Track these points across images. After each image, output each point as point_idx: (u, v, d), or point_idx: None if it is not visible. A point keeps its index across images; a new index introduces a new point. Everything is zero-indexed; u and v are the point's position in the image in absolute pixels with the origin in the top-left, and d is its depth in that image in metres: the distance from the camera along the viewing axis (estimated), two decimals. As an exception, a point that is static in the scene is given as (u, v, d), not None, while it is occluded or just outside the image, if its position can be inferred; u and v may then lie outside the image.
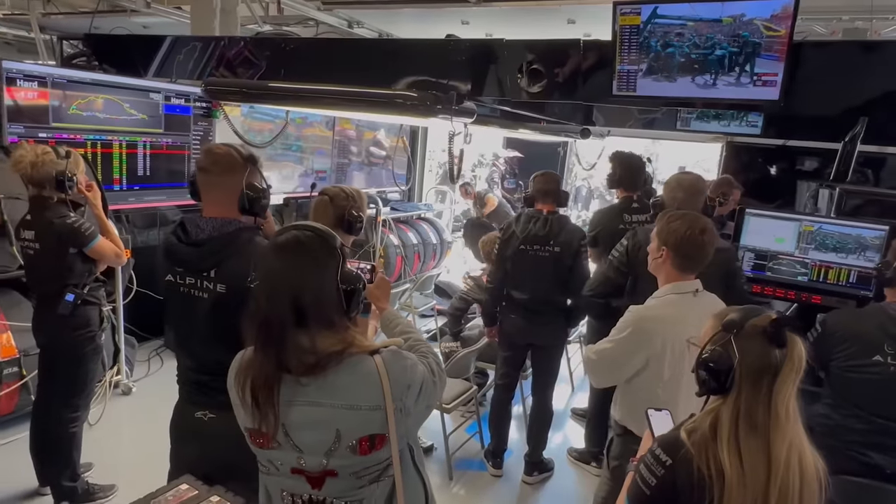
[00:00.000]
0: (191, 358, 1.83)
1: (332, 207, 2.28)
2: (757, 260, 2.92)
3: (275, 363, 1.25)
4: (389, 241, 6.19)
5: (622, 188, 3.53)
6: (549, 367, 3.39)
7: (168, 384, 2.00)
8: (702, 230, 1.93)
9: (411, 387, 1.33)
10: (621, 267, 2.71)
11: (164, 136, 4.45)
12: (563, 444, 3.90)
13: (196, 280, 1.73)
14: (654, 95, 2.72)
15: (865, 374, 2.09)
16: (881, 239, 2.66)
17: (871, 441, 2.10)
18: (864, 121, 3.40)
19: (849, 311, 2.29)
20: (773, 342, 1.23)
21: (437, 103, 2.98)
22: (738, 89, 2.52)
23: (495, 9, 5.25)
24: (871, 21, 4.59)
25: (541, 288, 3.19)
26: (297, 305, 1.24)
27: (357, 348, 1.29)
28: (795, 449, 1.23)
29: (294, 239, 1.29)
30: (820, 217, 2.92)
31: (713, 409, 1.29)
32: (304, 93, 3.31)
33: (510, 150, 8.62)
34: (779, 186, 5.25)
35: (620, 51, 2.70)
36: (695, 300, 1.97)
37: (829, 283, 2.80)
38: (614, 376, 2.07)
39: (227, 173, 1.75)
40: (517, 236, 3.19)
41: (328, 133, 6.16)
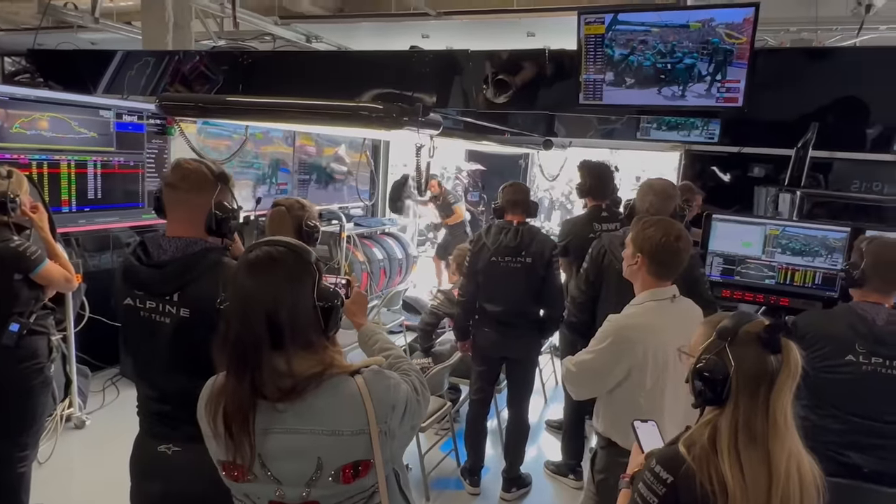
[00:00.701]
0: (152, 387, 1.70)
1: (290, 218, 2.27)
2: (725, 265, 2.95)
3: (249, 389, 1.16)
4: (354, 258, 6.09)
5: (591, 197, 3.54)
6: (525, 380, 3.35)
7: (126, 415, 1.87)
8: (676, 237, 1.92)
9: (396, 407, 1.26)
10: (592, 277, 2.71)
11: (115, 154, 4.27)
12: (539, 458, 3.86)
13: (157, 304, 1.61)
14: (620, 104, 2.74)
15: (839, 375, 2.10)
16: (843, 240, 2.72)
17: (848, 441, 2.11)
18: (815, 126, 3.52)
19: (819, 313, 2.32)
20: (767, 348, 1.21)
21: (403, 115, 2.93)
22: (703, 97, 2.55)
23: (455, 22, 5.26)
24: (816, 32, 4.78)
25: (513, 300, 3.15)
26: (272, 326, 1.16)
27: (337, 369, 1.22)
28: (794, 457, 1.21)
29: (266, 255, 1.21)
30: (784, 221, 2.97)
31: (710, 420, 1.25)
32: (265, 106, 3.21)
33: (473, 163, 8.65)
34: (736, 192, 5.38)
35: (586, 60, 2.71)
36: (673, 306, 1.95)
37: (795, 286, 2.84)
38: (595, 388, 2.04)
39: (196, 190, 1.65)
40: (488, 248, 3.15)
41: (289, 149, 6.04)
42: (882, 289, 2.13)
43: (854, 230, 2.70)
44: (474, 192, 8.87)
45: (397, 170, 8.39)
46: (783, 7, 4.73)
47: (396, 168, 8.32)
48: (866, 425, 2.11)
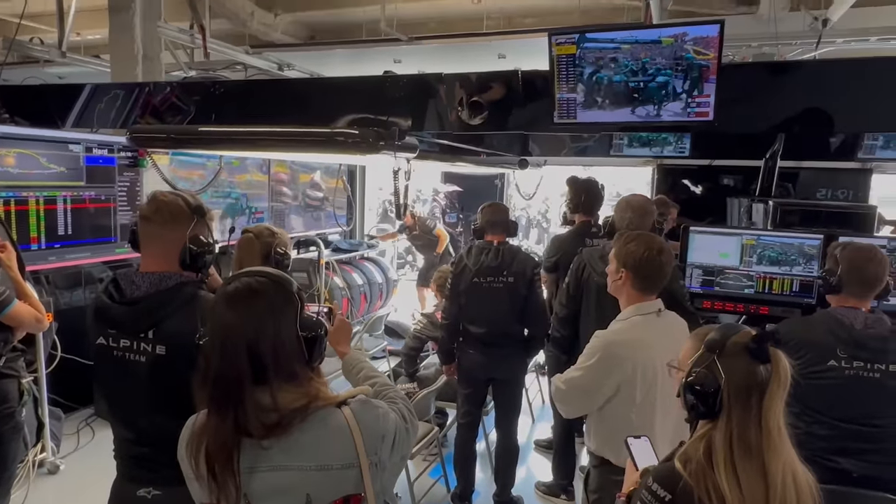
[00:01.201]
0: (128, 429, 1.64)
1: (258, 244, 2.28)
2: (705, 276, 2.98)
3: (232, 426, 1.12)
4: (334, 284, 6.02)
5: (582, 213, 3.56)
6: (512, 400, 3.32)
7: (102, 458, 1.79)
8: (659, 250, 1.94)
9: (385, 438, 1.23)
10: (574, 292, 2.71)
11: (86, 189, 4.18)
12: (529, 479, 3.81)
13: (132, 342, 1.56)
14: (594, 122, 2.77)
15: (823, 380, 2.12)
16: (817, 248, 2.77)
17: (836, 446, 2.12)
18: (781, 137, 3.61)
19: (799, 320, 2.35)
20: (757, 358, 1.21)
21: (380, 139, 2.92)
22: (675, 113, 2.60)
23: (427, 46, 5.33)
24: (777, 47, 4.94)
25: (497, 320, 3.14)
26: (255, 359, 1.13)
27: (323, 401, 1.19)
28: (789, 467, 1.21)
29: (246, 286, 1.18)
30: (759, 230, 3.02)
31: (704, 434, 1.24)
32: (239, 135, 3.18)
33: (449, 185, 8.68)
34: (708, 204, 5.49)
35: (558, 80, 2.74)
36: (659, 320, 1.96)
37: (774, 294, 2.88)
38: (585, 405, 2.02)
39: (171, 224, 1.61)
40: (470, 269, 3.14)
41: (264, 178, 6.00)
42: (858, 293, 2.16)
43: (827, 237, 2.75)
44: (452, 213, 8.89)
45: (375, 194, 8.38)
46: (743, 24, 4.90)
47: (373, 192, 8.31)
48: (853, 430, 2.13)
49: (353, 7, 5.43)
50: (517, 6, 5.58)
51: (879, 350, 2.08)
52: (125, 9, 4.41)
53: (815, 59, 4.45)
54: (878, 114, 2.63)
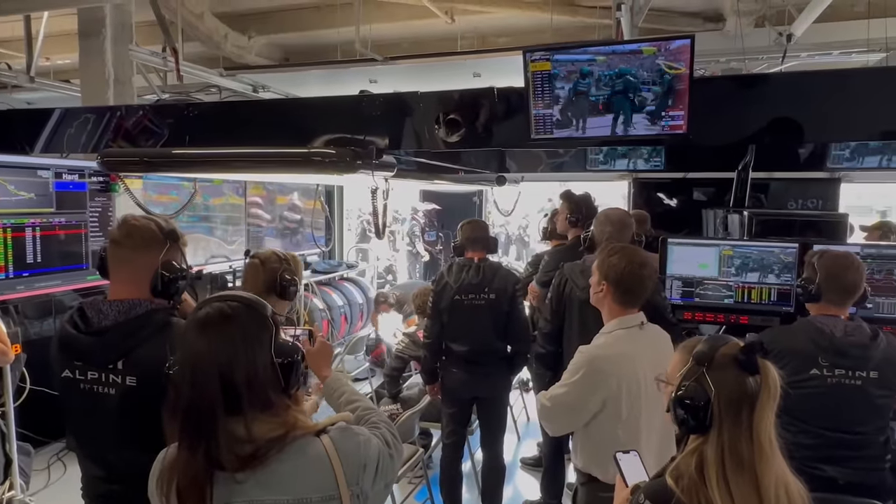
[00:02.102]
0: (98, 465, 1.57)
1: (263, 271, 2.22)
2: (685, 287, 2.99)
3: (204, 460, 1.07)
4: (314, 305, 5.95)
5: (579, 227, 3.55)
6: (498, 418, 3.29)
7: (74, 494, 1.71)
8: (641, 264, 1.94)
9: (367, 466, 1.18)
10: (557, 307, 2.70)
11: (56, 215, 4.08)
12: (516, 497, 3.76)
13: (100, 374, 1.50)
14: (571, 137, 2.79)
15: (806, 389, 2.12)
16: (793, 256, 2.80)
17: (822, 455, 2.12)
18: (752, 149, 3.67)
19: (780, 329, 2.36)
20: (746, 370, 1.20)
21: (357, 159, 2.91)
22: (650, 126, 2.63)
23: (402, 66, 5.34)
24: (745, 61, 5.07)
25: (480, 337, 3.12)
26: (227, 388, 1.08)
27: (301, 430, 1.14)
28: (781, 480, 1.20)
29: (217, 312, 1.13)
30: (736, 241, 3.05)
31: (696, 448, 1.22)
32: (214, 157, 3.14)
33: (427, 203, 8.67)
34: (684, 216, 5.55)
35: (534, 96, 2.76)
36: (642, 333, 1.95)
37: (753, 303, 2.90)
38: (571, 422, 2.00)
39: (142, 249, 1.56)
40: (451, 287, 3.12)
41: (240, 200, 5.93)
42: (837, 301, 2.18)
43: (802, 245, 2.79)
44: (431, 231, 8.87)
45: (353, 213, 8.34)
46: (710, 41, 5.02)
47: (352, 212, 8.27)
48: (838, 438, 2.13)
49: (327, 28, 5.44)
50: (490, 26, 5.64)
51: (860, 357, 2.09)
52: (95, 33, 4.36)
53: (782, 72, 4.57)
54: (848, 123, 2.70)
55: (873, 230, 4.17)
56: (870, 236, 4.14)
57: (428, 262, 8.56)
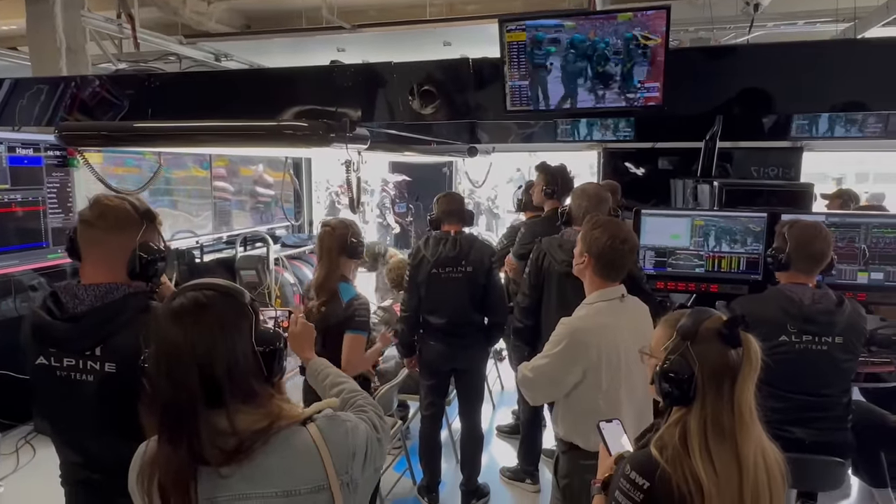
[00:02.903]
0: (77, 453, 1.53)
1: (336, 236, 2.54)
2: (657, 258, 3.04)
3: (186, 456, 1.03)
4: (285, 280, 5.87)
5: (556, 199, 3.55)
6: (475, 389, 3.33)
7: (44, 477, 1.67)
8: (623, 239, 1.96)
9: (356, 454, 1.16)
10: (535, 281, 2.73)
11: (10, 192, 3.90)
12: (492, 464, 3.83)
13: (77, 361, 1.45)
14: (546, 109, 2.78)
15: (776, 356, 2.17)
16: (762, 225, 2.87)
17: (791, 417, 2.21)
18: (720, 119, 3.72)
19: (751, 298, 2.42)
20: (729, 343, 1.23)
21: (330, 131, 2.84)
22: (626, 98, 2.63)
23: (371, 34, 5.21)
24: (713, 31, 5.10)
25: (458, 310, 3.13)
26: (207, 381, 1.03)
27: (286, 420, 1.10)
28: (759, 447, 1.24)
29: (193, 301, 1.08)
30: (707, 211, 3.10)
31: (679, 419, 1.26)
32: (180, 131, 3.03)
33: (397, 174, 8.59)
34: (652, 185, 5.63)
35: (510, 67, 2.73)
36: (622, 305, 1.98)
37: (723, 272, 2.97)
38: (552, 392, 2.03)
39: (117, 230, 1.50)
40: (428, 260, 3.11)
41: (204, 173, 5.75)
42: (806, 270, 2.26)
43: (770, 215, 2.86)
44: (401, 203, 8.81)
45: (322, 186, 8.21)
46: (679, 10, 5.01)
47: (321, 185, 8.14)
48: (804, 401, 2.23)
49: (292, -6, 5.25)
50: (460, -7, 5.52)
51: (826, 324, 2.17)
52: (44, -3, 4.11)
53: (749, 42, 4.62)
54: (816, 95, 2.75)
55: (834, 198, 4.31)
56: (831, 204, 4.27)
57: (398, 234, 8.52)
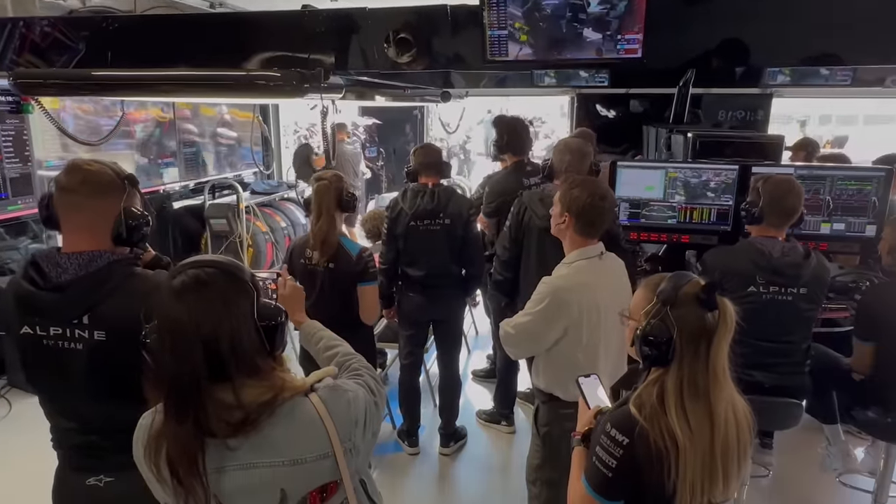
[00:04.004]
0: (71, 418, 1.54)
1: (333, 190, 2.56)
2: (631, 209, 3.10)
3: (193, 430, 1.05)
4: (256, 229, 5.80)
5: (511, 153, 3.54)
6: (454, 338, 3.41)
7: (21, 432, 1.69)
8: (602, 196, 1.99)
9: (358, 422, 1.20)
10: (515, 235, 2.76)
11: (-38, 141, 3.71)
12: (468, 407, 3.96)
13: (64, 329, 1.43)
14: (527, 59, 2.73)
15: (744, 304, 2.24)
16: (733, 178, 2.94)
17: (753, 362, 2.34)
18: (692, 71, 3.73)
19: (723, 250, 2.50)
20: (706, 307, 1.28)
21: (304, 81, 2.76)
22: (606, 49, 2.60)
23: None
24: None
25: (436, 262, 3.15)
26: (212, 356, 1.05)
27: (289, 391, 1.13)
28: (730, 403, 1.32)
29: (194, 279, 1.08)
30: (680, 163, 3.15)
31: (657, 378, 1.32)
32: (142, 80, 2.90)
33: (367, 118, 8.39)
34: (624, 130, 5.65)
35: (489, 16, 2.66)
36: (601, 263, 2.04)
37: (694, 223, 3.04)
38: (534, 348, 2.10)
39: (100, 195, 1.46)
40: (406, 213, 3.10)
41: (167, 116, 5.52)
42: (777, 224, 2.34)
43: (742, 167, 2.92)
44: (372, 147, 8.65)
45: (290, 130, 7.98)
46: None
47: (289, 128, 7.91)
48: (767, 346, 2.35)
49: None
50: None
51: (793, 276, 2.28)
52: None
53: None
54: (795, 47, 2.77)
55: (798, 149, 4.39)
56: (795, 156, 4.35)
57: (370, 179, 8.41)
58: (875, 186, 2.86)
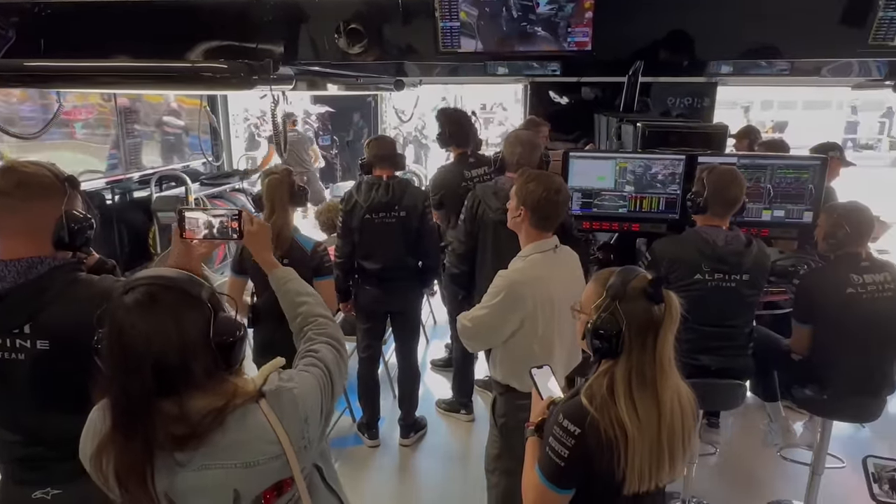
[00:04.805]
0: (15, 430, 1.48)
1: (286, 185, 2.55)
2: (584, 199, 3.16)
3: (141, 445, 1.03)
4: (207, 222, 5.64)
5: (455, 145, 3.56)
6: (412, 330, 3.42)
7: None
8: (556, 190, 2.02)
9: (309, 418, 1.18)
10: (470, 228, 2.78)
11: None
12: (428, 396, 3.99)
13: (4, 340, 1.38)
14: (479, 51, 2.74)
15: (691, 292, 2.39)
16: (681, 167, 3.03)
17: (699, 346, 2.44)
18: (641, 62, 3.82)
19: (671, 240, 2.58)
20: (653, 301, 1.33)
21: (253, 73, 2.69)
22: (557, 42, 2.64)
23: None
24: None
25: (392, 255, 3.15)
26: (162, 373, 1.03)
27: (240, 398, 1.10)
28: (675, 391, 1.37)
29: (147, 295, 1.04)
30: (630, 153, 3.22)
31: (606, 370, 1.37)
32: (80, 72, 2.77)
33: (320, 106, 8.24)
34: (576, 118, 5.74)
35: (441, 7, 2.65)
36: (556, 256, 2.08)
37: (644, 212, 3.13)
38: (491, 340, 2.13)
39: (39, 199, 1.40)
40: (361, 206, 3.08)
41: (108, 105, 5.25)
42: (721, 213, 2.43)
43: (688, 157, 3.01)
44: (325, 135, 8.51)
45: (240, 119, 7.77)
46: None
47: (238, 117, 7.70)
48: (711, 331, 2.45)
49: None
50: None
51: (736, 263, 2.38)
52: None
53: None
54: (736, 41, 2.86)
55: (741, 137, 4.55)
56: (739, 143, 4.52)
57: (324, 168, 8.29)
58: (811, 175, 3.00)
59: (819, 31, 2.70)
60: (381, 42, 2.86)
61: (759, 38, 2.85)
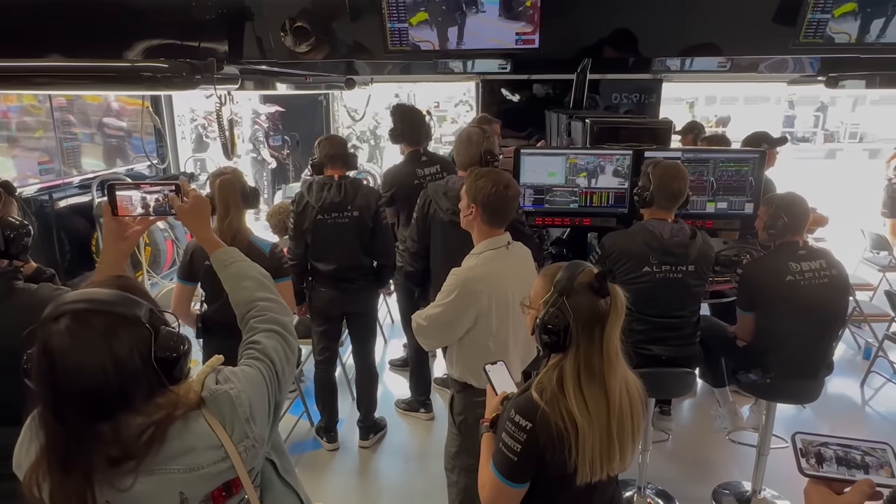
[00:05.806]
0: None
1: (238, 186, 2.47)
2: (536, 195, 3.20)
3: (79, 478, 0.99)
4: (154, 226, 5.47)
5: (406, 143, 3.54)
6: (368, 330, 3.39)
7: None
8: (506, 185, 2.03)
9: (252, 417, 1.15)
10: (422, 227, 2.78)
11: None
12: (387, 396, 3.98)
13: None
14: (428, 50, 2.74)
15: (640, 284, 2.45)
16: (628, 162, 3.10)
17: (650, 337, 2.51)
18: (588, 60, 3.90)
19: (620, 234, 2.64)
20: (598, 294, 1.35)
21: (196, 73, 2.62)
22: (504, 40, 2.66)
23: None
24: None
25: (346, 255, 3.11)
26: (97, 403, 0.98)
27: (182, 408, 1.07)
28: (623, 381, 1.40)
29: (77, 322, 0.99)
30: (580, 149, 3.28)
31: (556, 364, 1.39)
32: (10, 71, 2.64)
33: (270, 105, 8.08)
34: (528, 114, 5.82)
35: (388, 6, 2.63)
36: (508, 253, 2.09)
37: (594, 206, 3.19)
38: (446, 337, 2.13)
39: None
40: (313, 206, 3.03)
41: (42, 106, 5.03)
42: (666, 206, 2.50)
43: (636, 152, 3.09)
44: (276, 136, 8.35)
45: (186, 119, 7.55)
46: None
47: (184, 118, 7.48)
48: (661, 322, 2.52)
49: None
50: None
51: (681, 255, 2.45)
52: None
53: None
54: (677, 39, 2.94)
55: (686, 133, 4.70)
56: (684, 140, 4.66)
57: (275, 168, 8.13)
58: (751, 167, 3.12)
59: (754, 29, 2.81)
60: (329, 40, 2.82)
61: (700, 37, 2.95)
